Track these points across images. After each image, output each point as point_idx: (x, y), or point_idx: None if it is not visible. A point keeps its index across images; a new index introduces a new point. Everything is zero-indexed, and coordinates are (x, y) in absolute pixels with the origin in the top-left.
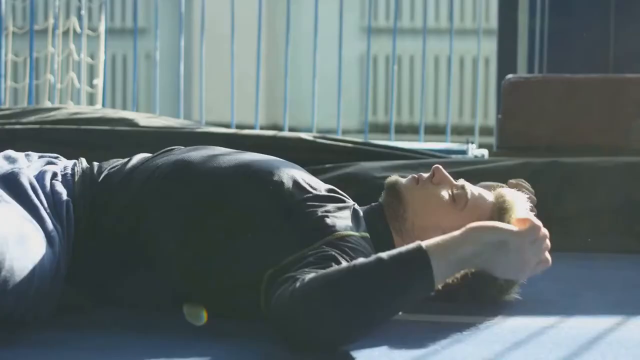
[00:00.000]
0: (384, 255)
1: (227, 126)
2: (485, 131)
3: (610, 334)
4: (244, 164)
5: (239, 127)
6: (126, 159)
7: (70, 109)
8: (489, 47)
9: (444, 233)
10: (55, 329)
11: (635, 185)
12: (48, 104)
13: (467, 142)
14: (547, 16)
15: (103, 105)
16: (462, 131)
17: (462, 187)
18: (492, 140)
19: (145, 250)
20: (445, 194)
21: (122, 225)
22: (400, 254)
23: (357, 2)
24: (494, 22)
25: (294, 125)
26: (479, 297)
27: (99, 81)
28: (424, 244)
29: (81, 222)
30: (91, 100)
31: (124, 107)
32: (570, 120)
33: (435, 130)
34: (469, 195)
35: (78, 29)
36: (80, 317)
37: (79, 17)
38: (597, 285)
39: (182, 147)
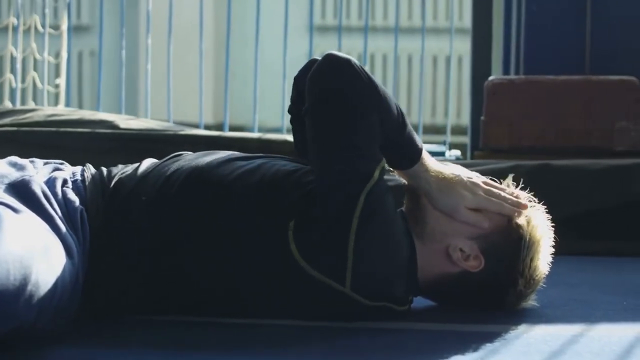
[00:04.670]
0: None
1: (194, 125)
2: (455, 131)
3: None
4: (260, 169)
5: (190, 125)
6: (136, 165)
7: (46, 110)
8: (461, 46)
9: (465, 239)
10: (73, 344)
11: (628, 187)
12: (9, 105)
13: (445, 143)
14: (523, 16)
15: (66, 105)
16: (432, 130)
17: None
18: (463, 139)
19: (161, 257)
20: None
21: (138, 232)
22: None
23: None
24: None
25: (242, 124)
26: (498, 304)
27: (61, 81)
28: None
29: (95, 230)
30: (53, 101)
31: (75, 106)
32: (553, 121)
33: None
34: None
35: (40, 28)
36: (96, 328)
37: (42, 15)
38: (607, 290)
39: (190, 152)
